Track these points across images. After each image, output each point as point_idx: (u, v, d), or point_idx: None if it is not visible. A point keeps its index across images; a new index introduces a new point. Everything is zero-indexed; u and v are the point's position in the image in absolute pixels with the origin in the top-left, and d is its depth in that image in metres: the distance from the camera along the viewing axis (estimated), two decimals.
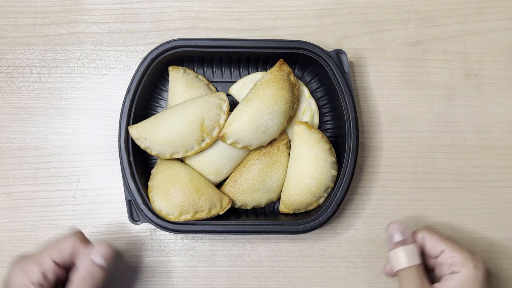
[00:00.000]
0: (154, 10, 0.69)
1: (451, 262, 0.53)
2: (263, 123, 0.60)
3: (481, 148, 0.68)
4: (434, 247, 0.55)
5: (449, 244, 0.54)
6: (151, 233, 0.66)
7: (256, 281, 0.65)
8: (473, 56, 0.70)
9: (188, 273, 0.65)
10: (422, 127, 0.68)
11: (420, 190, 0.67)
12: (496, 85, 0.69)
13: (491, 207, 0.67)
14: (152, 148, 0.61)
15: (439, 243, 0.55)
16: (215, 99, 0.61)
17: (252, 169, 0.62)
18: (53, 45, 0.68)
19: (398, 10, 0.70)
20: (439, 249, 0.55)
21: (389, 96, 0.69)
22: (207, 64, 0.66)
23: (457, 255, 0.53)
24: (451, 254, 0.54)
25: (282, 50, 0.63)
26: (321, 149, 0.61)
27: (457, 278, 0.52)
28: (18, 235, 0.65)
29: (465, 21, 0.70)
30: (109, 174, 0.66)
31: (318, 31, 0.69)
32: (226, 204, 0.61)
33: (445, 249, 0.54)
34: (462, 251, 0.54)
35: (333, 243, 0.66)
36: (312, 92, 0.66)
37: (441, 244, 0.54)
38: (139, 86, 0.62)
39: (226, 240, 0.66)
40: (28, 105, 0.67)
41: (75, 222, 0.65)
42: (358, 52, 0.69)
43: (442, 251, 0.54)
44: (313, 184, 0.61)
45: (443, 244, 0.54)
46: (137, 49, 0.69)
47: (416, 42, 0.70)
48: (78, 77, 0.68)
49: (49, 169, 0.66)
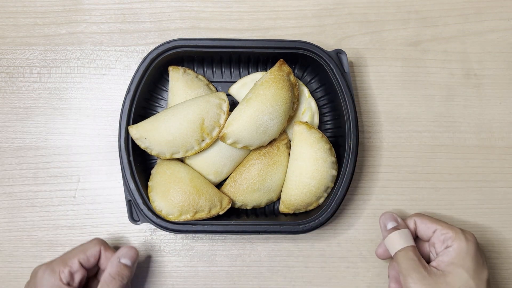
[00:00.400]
0: (154, 10, 0.69)
1: (443, 238, 0.57)
2: (263, 123, 0.60)
3: (481, 148, 0.68)
4: (427, 228, 0.58)
5: (440, 224, 0.58)
6: (151, 233, 0.66)
7: (256, 281, 0.65)
8: (473, 56, 0.70)
9: (188, 273, 0.65)
10: (422, 127, 0.68)
11: (420, 190, 0.67)
12: (496, 85, 0.69)
13: (491, 207, 0.67)
14: (152, 148, 0.61)
15: (431, 224, 0.58)
16: (215, 99, 0.61)
17: (252, 169, 0.62)
18: (53, 45, 0.68)
19: (398, 10, 0.70)
20: (431, 229, 0.58)
21: (389, 96, 0.69)
22: (207, 64, 0.66)
23: (448, 231, 0.57)
24: (443, 231, 0.57)
25: (282, 50, 0.63)
26: (321, 149, 0.61)
27: (450, 251, 0.55)
28: (18, 235, 0.65)
29: (465, 21, 0.70)
30: (109, 174, 0.66)
31: (318, 31, 0.69)
32: (226, 204, 0.61)
33: (437, 228, 0.57)
34: (453, 227, 0.57)
35: (333, 243, 0.66)
36: (312, 92, 0.66)
37: (433, 225, 0.58)
38: (139, 86, 0.62)
39: (226, 240, 0.66)
40: (28, 105, 0.67)
41: (75, 222, 0.66)
42: (358, 52, 0.69)
43: (434, 230, 0.58)
44: (313, 184, 0.61)
45: (435, 225, 0.58)
46: (137, 49, 0.69)
47: (416, 42, 0.70)
48: (78, 77, 0.68)
49: (49, 169, 0.66)
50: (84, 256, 0.57)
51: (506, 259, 0.67)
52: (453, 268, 0.55)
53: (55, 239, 0.65)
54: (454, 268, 0.54)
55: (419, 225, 0.59)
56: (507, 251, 0.67)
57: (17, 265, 0.65)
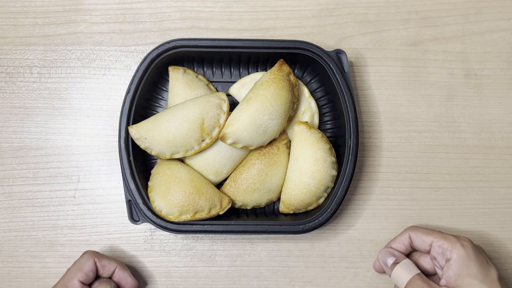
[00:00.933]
0: (154, 10, 0.69)
1: (441, 250, 0.57)
2: (263, 123, 0.60)
3: (481, 148, 0.68)
4: (422, 242, 0.59)
5: (435, 235, 0.58)
6: (151, 233, 0.66)
7: (256, 281, 0.65)
8: (473, 56, 0.70)
9: (188, 273, 0.65)
10: (422, 127, 0.68)
11: (420, 190, 0.67)
12: (496, 85, 0.69)
13: (491, 207, 0.67)
14: (152, 148, 0.61)
15: (425, 237, 0.58)
16: (215, 99, 0.61)
17: (252, 169, 0.62)
18: (53, 45, 0.68)
19: (398, 10, 0.70)
20: (427, 243, 0.58)
21: (389, 96, 0.69)
22: (207, 64, 0.66)
23: (443, 242, 0.57)
24: (439, 243, 0.57)
25: (282, 50, 0.63)
26: (321, 149, 0.61)
27: (452, 263, 0.56)
28: (18, 235, 0.65)
29: (465, 21, 0.70)
30: (109, 174, 0.66)
31: (318, 31, 0.69)
32: (226, 204, 0.61)
33: (433, 241, 0.58)
34: (447, 236, 0.58)
35: (333, 243, 0.66)
36: (312, 92, 0.66)
37: (428, 238, 0.58)
38: (139, 86, 0.62)
39: (226, 240, 0.66)
40: (28, 105, 0.67)
41: (75, 222, 0.66)
42: (358, 52, 0.69)
43: (430, 243, 0.58)
44: (313, 184, 0.61)
45: (429, 237, 0.58)
46: (137, 49, 0.69)
47: (416, 42, 0.70)
48: (78, 77, 0.68)
49: (49, 169, 0.66)
50: (83, 274, 0.57)
51: (506, 259, 0.67)
52: (462, 280, 0.54)
53: (55, 239, 0.65)
54: (463, 280, 0.54)
55: (415, 240, 0.59)
56: (507, 251, 0.67)
57: (17, 265, 0.65)
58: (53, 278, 0.64)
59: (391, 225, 0.67)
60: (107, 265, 0.59)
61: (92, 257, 0.58)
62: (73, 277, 0.57)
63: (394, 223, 0.67)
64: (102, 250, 0.65)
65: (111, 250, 0.65)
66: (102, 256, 0.59)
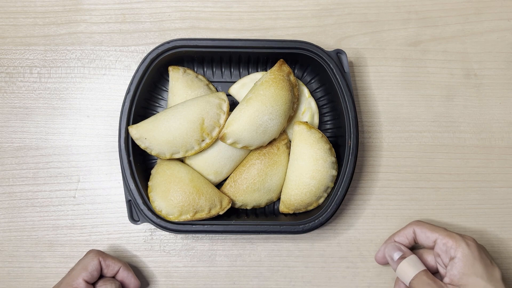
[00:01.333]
0: (154, 10, 0.69)
1: (445, 248, 0.57)
2: (263, 123, 0.60)
3: (481, 148, 0.68)
4: (427, 238, 0.59)
5: (440, 232, 0.58)
6: (151, 233, 0.66)
7: (256, 281, 0.65)
8: (473, 56, 0.70)
9: (188, 273, 0.65)
10: (422, 127, 0.68)
11: (420, 190, 0.67)
12: (496, 85, 0.69)
13: (491, 207, 0.67)
14: (152, 148, 0.61)
15: (430, 233, 0.58)
16: (215, 99, 0.61)
17: (252, 169, 0.62)
18: (53, 45, 0.68)
19: (398, 10, 0.70)
20: (431, 239, 0.58)
21: (389, 96, 0.69)
22: (207, 64, 0.66)
23: (448, 240, 0.57)
24: (444, 240, 0.57)
25: (282, 50, 0.63)
26: (321, 149, 0.61)
27: (457, 262, 0.56)
28: (18, 235, 0.65)
29: (465, 21, 0.70)
30: (109, 174, 0.66)
31: (318, 31, 0.69)
32: (226, 204, 0.61)
33: (437, 238, 0.58)
34: (452, 234, 0.57)
35: (333, 243, 0.66)
36: (312, 92, 0.66)
37: (433, 234, 0.58)
38: (139, 86, 0.62)
39: (226, 240, 0.66)
40: (28, 105, 0.67)
41: (75, 222, 0.66)
42: (358, 52, 0.69)
43: (435, 240, 0.58)
44: (313, 184, 0.61)
45: (434, 233, 0.58)
46: (137, 49, 0.69)
47: (416, 42, 0.70)
48: (78, 77, 0.68)
49: (49, 169, 0.66)
50: (87, 273, 0.57)
51: (506, 259, 0.67)
52: (466, 279, 0.55)
53: (55, 239, 0.65)
54: (468, 279, 0.55)
55: (419, 235, 0.59)
56: (507, 251, 0.67)
57: (17, 265, 0.65)
58: (53, 278, 0.64)
59: (391, 225, 0.67)
60: (111, 264, 0.59)
61: (97, 256, 0.58)
62: (77, 276, 0.57)
63: (394, 223, 0.67)
64: (102, 250, 0.65)
65: (111, 250, 0.65)
66: (106, 256, 0.59)
